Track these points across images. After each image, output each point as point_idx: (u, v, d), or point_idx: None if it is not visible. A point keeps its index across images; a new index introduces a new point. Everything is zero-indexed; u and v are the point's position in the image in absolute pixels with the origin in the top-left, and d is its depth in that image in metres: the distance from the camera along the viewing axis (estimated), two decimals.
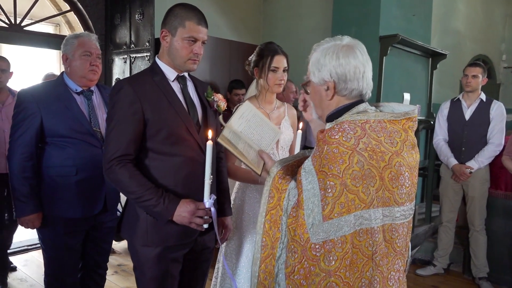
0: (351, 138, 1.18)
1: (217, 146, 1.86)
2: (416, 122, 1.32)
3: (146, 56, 4.11)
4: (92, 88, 2.29)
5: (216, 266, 2.14)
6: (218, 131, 1.87)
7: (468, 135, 3.29)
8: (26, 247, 4.08)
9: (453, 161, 3.31)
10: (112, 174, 1.56)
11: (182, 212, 1.55)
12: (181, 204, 1.56)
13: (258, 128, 1.59)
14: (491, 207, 3.38)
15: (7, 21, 4.03)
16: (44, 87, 2.22)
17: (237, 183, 2.16)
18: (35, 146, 2.13)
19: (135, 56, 4.23)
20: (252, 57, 2.14)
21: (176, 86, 1.70)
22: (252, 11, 5.56)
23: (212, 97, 1.80)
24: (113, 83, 4.47)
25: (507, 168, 3.14)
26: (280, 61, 2.05)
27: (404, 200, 1.25)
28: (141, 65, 4.18)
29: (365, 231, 1.18)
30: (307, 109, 1.53)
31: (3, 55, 6.65)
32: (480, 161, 3.23)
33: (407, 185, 1.25)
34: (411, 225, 1.33)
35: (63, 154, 2.13)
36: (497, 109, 3.24)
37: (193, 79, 1.83)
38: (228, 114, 2.08)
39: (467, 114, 3.33)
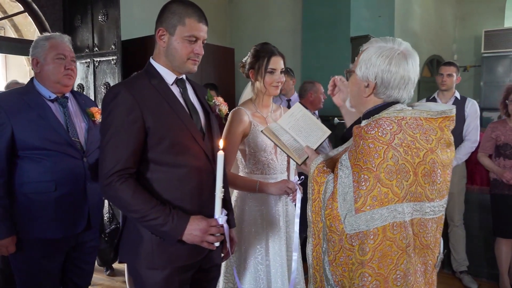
0: (387, 133, 1.23)
1: None
2: (454, 121, 1.34)
3: (112, 59, 3.87)
4: (67, 95, 2.09)
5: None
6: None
7: None
8: None
9: None
10: (112, 191, 1.38)
11: (194, 230, 1.41)
12: (191, 221, 1.42)
13: (306, 127, 1.64)
14: (468, 202, 3.47)
15: None
16: (13, 94, 2.00)
17: (236, 191, 2.04)
18: (5, 161, 1.90)
19: (100, 60, 3.98)
20: (247, 59, 2.04)
21: (175, 90, 1.55)
22: (218, 12, 5.44)
23: (213, 101, 1.68)
24: (75, 89, 4.17)
25: (483, 165, 3.23)
26: (277, 62, 1.96)
27: (435, 196, 1.28)
28: (107, 70, 3.93)
29: (399, 224, 1.22)
30: (336, 94, 1.63)
31: None
32: (458, 158, 3.30)
33: (439, 182, 1.28)
34: (442, 221, 1.36)
35: (39, 168, 1.91)
36: (472, 107, 3.33)
37: (191, 82, 1.69)
38: None
39: None
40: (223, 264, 1.96)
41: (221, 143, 1.44)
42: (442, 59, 7.84)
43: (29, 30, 6.99)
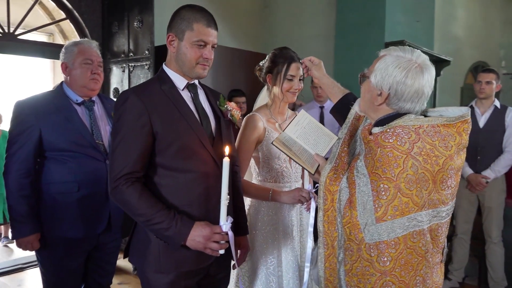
0: (405, 142, 1.22)
1: (231, 160, 1.71)
2: (471, 123, 1.32)
3: (146, 64, 3.97)
4: (94, 98, 2.15)
5: None
6: (232, 142, 1.73)
7: (483, 144, 3.18)
8: (21, 266, 3.88)
9: (468, 171, 3.20)
10: (119, 194, 1.40)
11: (197, 236, 1.40)
12: (195, 227, 1.41)
13: (313, 134, 1.64)
14: (507, 218, 3.26)
15: (0, 30, 3.88)
16: (43, 97, 2.08)
17: (249, 199, 2.01)
18: (33, 161, 1.99)
19: (134, 65, 4.09)
20: (265, 63, 2.00)
21: (186, 95, 1.55)
22: (252, 19, 5.46)
23: (226, 106, 1.66)
24: (111, 93, 4.32)
25: None
26: (296, 69, 1.91)
27: (449, 199, 1.29)
28: (141, 74, 4.04)
29: (418, 233, 1.24)
30: (310, 73, 1.84)
31: None
32: (496, 170, 3.11)
33: (453, 186, 1.29)
34: (450, 219, 1.37)
35: (63, 169, 1.98)
36: None
37: (204, 87, 1.69)
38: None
39: (481, 121, 3.23)
40: (234, 273, 1.94)
41: (226, 149, 1.42)
42: (487, 65, 7.47)
43: (76, 36, 7.34)
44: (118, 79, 4.26)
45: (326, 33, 4.85)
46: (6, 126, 4.82)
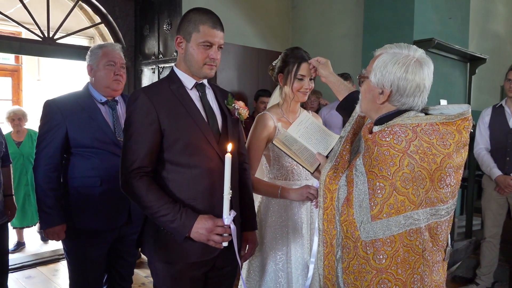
0: (402, 141, 1.22)
1: (240, 157, 1.77)
2: (471, 121, 1.31)
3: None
4: (117, 98, 2.27)
5: (239, 284, 2.03)
6: (240, 140, 1.79)
7: None
8: (57, 257, 4.13)
9: (496, 172, 3.08)
10: (128, 187, 1.50)
11: (199, 229, 1.47)
12: (198, 220, 1.48)
13: (316, 133, 1.68)
14: None
15: (40, 34, 4.13)
16: (70, 97, 2.22)
17: (260, 196, 2.04)
18: (60, 157, 2.13)
19: (163, 66, 4.24)
20: (277, 63, 2.04)
21: (194, 94, 1.62)
22: (281, 19, 5.49)
23: (233, 105, 1.72)
24: None
25: None
26: (307, 69, 1.93)
27: (448, 198, 1.29)
28: None
29: (415, 231, 1.24)
30: (317, 72, 1.87)
31: (40, 66, 6.90)
32: None
33: (452, 184, 1.28)
34: (452, 217, 1.36)
35: (87, 164, 2.11)
36: None
37: (213, 86, 1.75)
38: (251, 122, 1.99)
39: None
40: (245, 267, 1.99)
41: (229, 146, 1.48)
42: None
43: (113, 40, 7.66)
44: (149, 81, 4.42)
45: (354, 32, 4.81)
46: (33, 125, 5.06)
